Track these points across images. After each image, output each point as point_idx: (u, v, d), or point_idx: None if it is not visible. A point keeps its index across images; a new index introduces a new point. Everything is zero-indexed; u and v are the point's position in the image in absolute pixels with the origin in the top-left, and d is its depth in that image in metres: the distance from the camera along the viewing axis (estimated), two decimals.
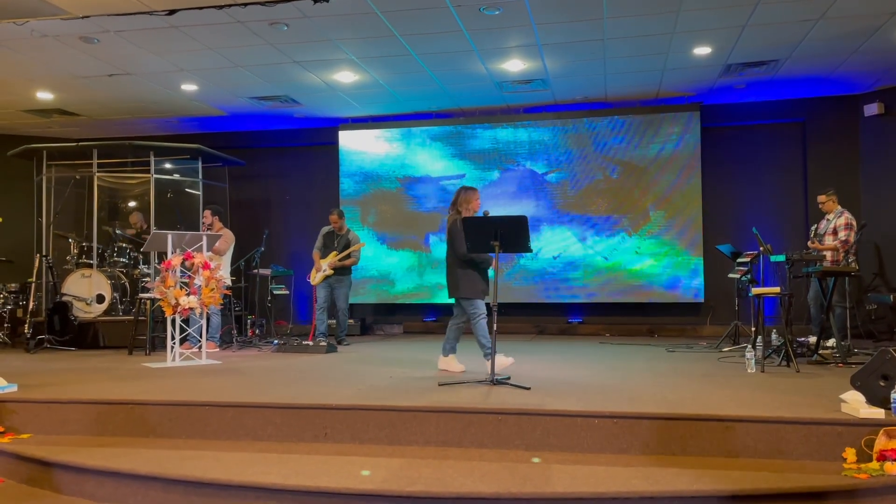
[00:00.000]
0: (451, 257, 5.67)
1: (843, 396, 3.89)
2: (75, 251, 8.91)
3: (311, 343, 7.51)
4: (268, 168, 11.12)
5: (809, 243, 7.40)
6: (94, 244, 8.93)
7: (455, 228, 5.51)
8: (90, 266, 8.75)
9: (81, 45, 7.27)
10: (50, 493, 3.76)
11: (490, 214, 5.16)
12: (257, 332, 9.17)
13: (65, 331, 8.18)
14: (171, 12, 6.47)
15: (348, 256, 8.18)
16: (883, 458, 3.36)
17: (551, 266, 9.94)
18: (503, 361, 5.59)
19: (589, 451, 3.79)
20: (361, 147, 10.58)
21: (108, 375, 5.67)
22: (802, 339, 6.89)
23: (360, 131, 10.59)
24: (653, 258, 9.67)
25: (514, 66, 8.17)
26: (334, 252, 8.16)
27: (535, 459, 3.63)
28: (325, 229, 8.45)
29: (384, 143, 10.54)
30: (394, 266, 10.45)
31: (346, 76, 8.49)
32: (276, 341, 7.95)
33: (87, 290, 8.43)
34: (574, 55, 7.85)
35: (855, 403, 3.76)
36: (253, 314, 9.55)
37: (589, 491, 3.14)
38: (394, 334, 10.34)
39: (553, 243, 9.96)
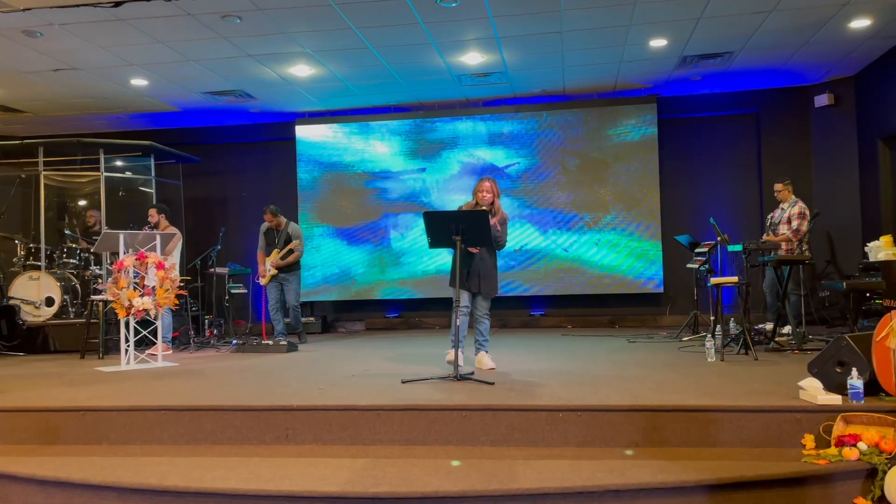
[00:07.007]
0: None
1: (801, 384, 3.94)
2: (22, 253, 8.61)
3: (270, 343, 7.37)
4: (223, 164, 10.89)
5: (765, 236, 7.51)
6: (42, 245, 8.65)
7: None
8: (38, 268, 8.46)
9: (24, 38, 7.00)
10: None
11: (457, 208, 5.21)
12: (215, 332, 8.97)
13: (12, 335, 7.93)
14: (117, 4, 6.27)
15: (290, 253, 7.95)
16: (841, 443, 3.41)
17: (513, 259, 9.95)
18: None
19: (554, 444, 3.78)
20: (319, 142, 10.43)
21: (58, 381, 5.48)
22: (759, 326, 7.00)
23: (317, 126, 10.44)
24: (612, 250, 9.74)
25: (473, 59, 8.12)
26: (276, 250, 7.97)
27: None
28: (263, 227, 8.19)
29: (342, 137, 10.40)
30: (354, 262, 10.34)
31: (301, 70, 8.34)
32: (234, 341, 7.79)
33: (36, 293, 8.14)
34: (532, 48, 7.83)
35: (813, 390, 3.82)
36: (210, 314, 9.35)
37: (555, 486, 3.12)
38: (355, 331, 10.24)
39: (514, 236, 9.97)
